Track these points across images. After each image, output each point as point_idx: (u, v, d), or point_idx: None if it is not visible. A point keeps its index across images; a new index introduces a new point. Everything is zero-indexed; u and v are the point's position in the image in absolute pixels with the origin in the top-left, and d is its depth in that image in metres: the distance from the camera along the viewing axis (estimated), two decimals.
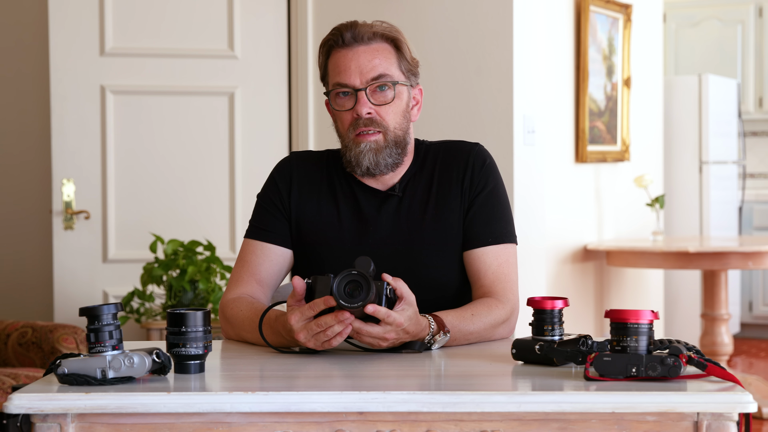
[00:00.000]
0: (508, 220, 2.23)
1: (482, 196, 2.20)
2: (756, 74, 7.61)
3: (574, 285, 5.00)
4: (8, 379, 3.46)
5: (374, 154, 2.14)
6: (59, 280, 4.31)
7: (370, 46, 2.15)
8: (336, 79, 2.15)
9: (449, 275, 2.19)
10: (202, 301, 4.01)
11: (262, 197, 2.27)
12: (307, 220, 2.21)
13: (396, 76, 2.16)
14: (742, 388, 1.59)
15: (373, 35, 2.15)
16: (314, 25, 4.42)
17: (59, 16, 4.25)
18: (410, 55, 2.19)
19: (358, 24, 2.17)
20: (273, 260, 2.21)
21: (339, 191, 2.22)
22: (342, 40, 2.15)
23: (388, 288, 1.87)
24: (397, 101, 2.16)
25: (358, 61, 2.14)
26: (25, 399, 1.58)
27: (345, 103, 2.16)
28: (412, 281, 1.95)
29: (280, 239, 2.21)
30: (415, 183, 2.22)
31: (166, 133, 4.38)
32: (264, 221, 2.23)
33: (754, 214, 7.33)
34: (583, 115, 5.00)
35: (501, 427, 1.59)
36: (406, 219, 2.19)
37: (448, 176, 2.21)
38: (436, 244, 2.18)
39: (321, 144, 4.38)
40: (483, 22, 4.16)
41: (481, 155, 2.24)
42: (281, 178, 2.25)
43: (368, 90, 2.13)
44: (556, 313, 1.81)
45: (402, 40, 2.18)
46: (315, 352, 1.92)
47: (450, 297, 2.19)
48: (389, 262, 2.11)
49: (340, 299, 1.82)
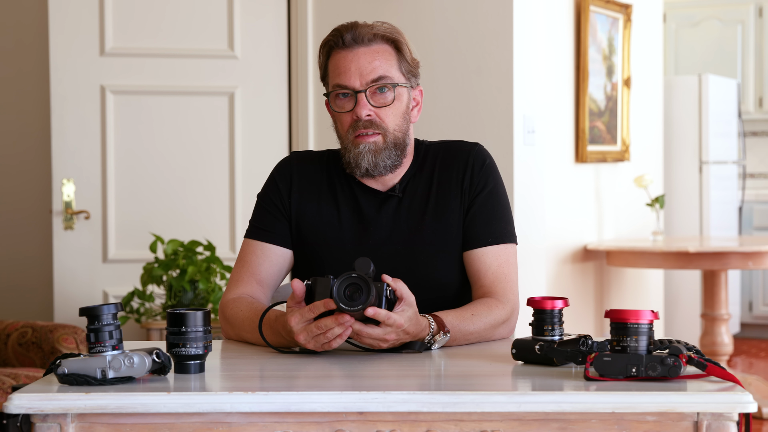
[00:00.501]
0: (508, 220, 2.22)
1: (482, 196, 2.20)
2: (756, 74, 7.61)
3: (574, 285, 5.00)
4: (8, 379, 3.46)
5: (373, 156, 2.14)
6: (59, 280, 4.31)
7: (370, 48, 2.15)
8: (336, 80, 2.15)
9: (449, 275, 2.19)
10: (202, 301, 4.01)
11: (263, 197, 2.26)
12: (307, 221, 2.21)
13: (396, 77, 2.16)
14: (742, 388, 1.59)
15: (373, 36, 2.15)
16: (314, 25, 4.42)
17: (59, 17, 4.25)
18: (411, 56, 2.19)
19: (359, 25, 2.17)
20: (273, 260, 2.21)
21: (339, 191, 2.22)
22: (342, 41, 2.15)
23: (388, 289, 1.87)
24: (396, 103, 2.16)
25: (358, 63, 2.13)
26: (25, 399, 1.58)
27: (345, 105, 2.16)
28: (412, 281, 1.95)
29: (280, 239, 2.21)
30: (415, 183, 2.22)
31: (166, 133, 4.38)
32: (264, 221, 2.23)
33: (754, 214, 7.33)
34: (583, 115, 5.00)
35: (501, 427, 1.59)
36: (406, 219, 2.19)
37: (448, 176, 2.21)
38: (436, 245, 2.18)
39: (321, 144, 4.38)
40: (483, 22, 4.16)
41: (480, 155, 2.23)
42: (281, 179, 2.25)
43: (368, 92, 2.13)
44: (556, 313, 1.81)
45: (402, 41, 2.18)
46: (315, 352, 1.92)
47: (450, 297, 2.19)
48: (389, 262, 2.11)
49: (340, 302, 1.82)
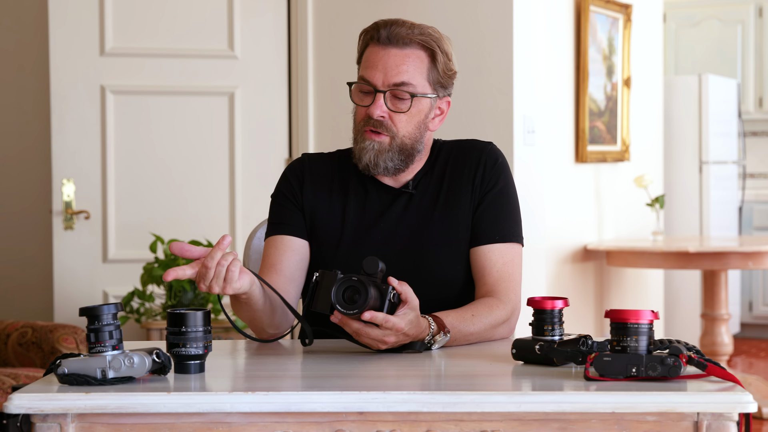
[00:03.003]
0: (517, 220, 2.22)
1: (492, 193, 2.20)
2: (756, 74, 7.61)
3: (574, 285, 5.00)
4: (8, 379, 3.46)
5: (375, 155, 2.14)
6: (59, 280, 4.31)
7: (403, 51, 2.13)
8: (363, 72, 2.16)
9: (454, 272, 2.19)
10: (202, 301, 4.01)
11: (276, 195, 2.27)
12: (318, 216, 2.21)
13: (420, 87, 2.14)
14: (742, 388, 1.59)
15: (409, 40, 2.13)
16: (314, 25, 4.41)
17: (59, 16, 4.25)
18: (445, 67, 2.17)
19: (399, 23, 2.15)
20: (295, 250, 2.19)
21: (351, 188, 2.22)
22: (378, 36, 2.14)
23: (392, 293, 1.88)
24: (413, 111, 2.15)
25: (386, 63, 2.12)
26: (25, 399, 1.58)
27: (363, 99, 2.16)
28: (417, 277, 1.96)
29: (298, 231, 2.21)
30: (427, 180, 2.22)
31: (166, 133, 4.38)
32: (280, 216, 2.23)
33: (754, 214, 7.33)
34: (583, 115, 5.00)
35: (501, 427, 1.59)
36: (415, 215, 2.19)
37: (460, 173, 2.21)
38: (443, 240, 2.18)
39: (321, 144, 4.38)
40: (483, 22, 4.16)
41: (493, 153, 2.23)
42: (294, 176, 2.26)
43: (387, 94, 2.13)
44: (556, 313, 1.81)
45: (439, 51, 2.15)
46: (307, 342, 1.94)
47: (456, 294, 2.19)
48: (398, 258, 2.12)
49: (338, 305, 1.83)
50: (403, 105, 2.14)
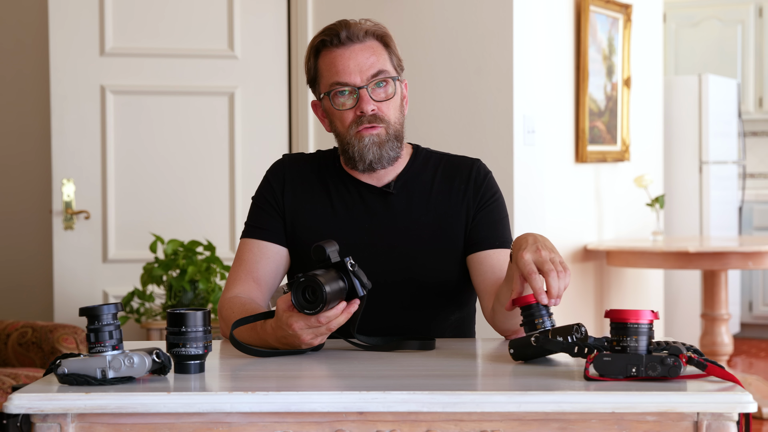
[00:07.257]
0: (509, 230, 2.30)
1: (489, 203, 2.25)
2: (756, 74, 7.61)
3: (574, 285, 5.00)
4: (8, 379, 3.46)
5: (378, 147, 2.17)
6: (59, 280, 4.31)
7: (365, 44, 2.18)
8: (334, 78, 2.16)
9: (441, 274, 2.21)
10: (202, 301, 4.01)
11: (257, 198, 2.29)
12: (301, 219, 2.23)
13: (391, 71, 2.20)
14: (742, 388, 1.59)
15: (365, 34, 2.19)
16: (314, 25, 4.41)
17: (59, 16, 4.25)
18: (396, 52, 2.24)
19: (351, 23, 2.20)
20: (270, 258, 2.22)
21: (333, 189, 2.24)
22: (338, 39, 2.17)
23: (348, 261, 1.87)
24: (395, 97, 2.20)
25: (357, 60, 2.16)
26: (25, 399, 1.58)
27: (346, 102, 2.17)
28: (405, 278, 1.98)
29: (275, 237, 2.23)
30: (412, 182, 2.25)
31: (166, 133, 4.38)
32: (259, 220, 2.25)
33: (754, 214, 7.33)
34: (583, 115, 5.00)
35: (501, 427, 1.59)
36: (401, 217, 2.22)
37: (450, 183, 2.25)
38: (433, 244, 2.21)
39: (321, 144, 4.38)
40: (483, 22, 4.16)
41: (484, 168, 2.30)
42: (275, 179, 2.28)
43: (369, 87, 2.15)
44: (541, 306, 1.83)
45: (390, 36, 2.23)
46: (289, 352, 1.93)
47: (438, 294, 2.22)
48: (383, 258, 2.16)
49: (302, 308, 1.83)
50: (386, 93, 2.18)
